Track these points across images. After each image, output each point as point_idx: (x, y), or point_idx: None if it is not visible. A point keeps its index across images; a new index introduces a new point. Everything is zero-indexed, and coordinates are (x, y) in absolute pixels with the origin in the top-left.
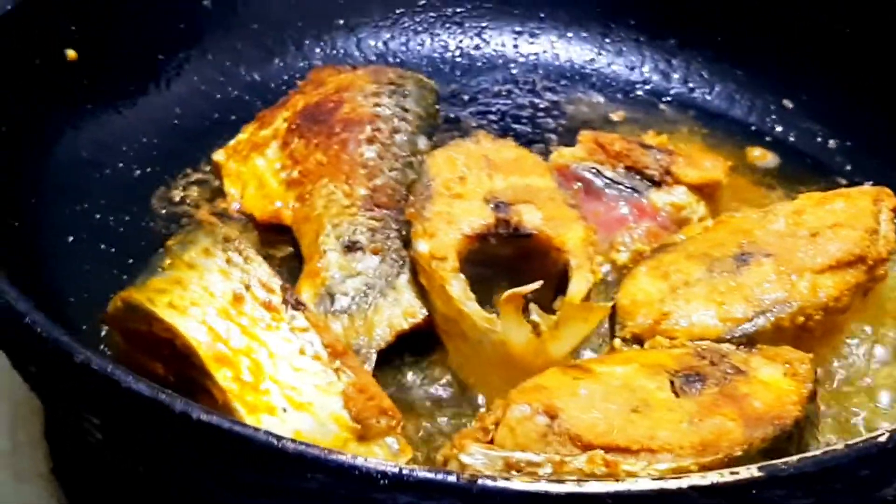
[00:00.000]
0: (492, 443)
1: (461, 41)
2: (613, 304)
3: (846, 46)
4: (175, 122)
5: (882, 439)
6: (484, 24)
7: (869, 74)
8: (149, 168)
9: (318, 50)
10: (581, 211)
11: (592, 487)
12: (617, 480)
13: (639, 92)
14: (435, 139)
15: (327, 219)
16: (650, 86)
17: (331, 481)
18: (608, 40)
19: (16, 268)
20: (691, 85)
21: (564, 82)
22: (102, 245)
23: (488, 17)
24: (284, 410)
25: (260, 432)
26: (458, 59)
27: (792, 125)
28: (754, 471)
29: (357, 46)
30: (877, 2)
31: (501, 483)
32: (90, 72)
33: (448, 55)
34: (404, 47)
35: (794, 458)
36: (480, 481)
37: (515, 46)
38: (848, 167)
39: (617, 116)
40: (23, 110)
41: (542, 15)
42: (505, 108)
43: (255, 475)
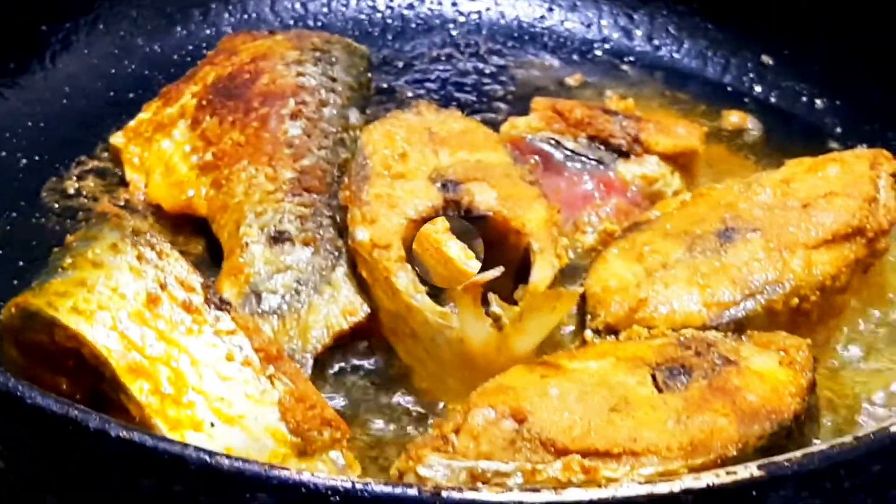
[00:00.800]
0: (453, 452)
1: (391, 0)
2: (583, 292)
3: None
4: (64, 103)
5: (894, 430)
6: None
7: (859, 22)
8: (37, 157)
9: (227, 15)
10: (541, 188)
11: (572, 495)
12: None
13: (597, 52)
14: (368, 112)
15: (249, 207)
16: (610, 44)
17: (274, 501)
18: None
19: None
20: (657, 42)
21: (512, 44)
22: None
23: None
24: (212, 425)
25: (190, 448)
26: (390, 21)
27: (773, 84)
28: (754, 469)
29: (272, 9)
30: None
31: (469, 495)
32: None
33: (377, 16)
34: (326, 9)
35: (799, 454)
36: (445, 493)
37: (454, 4)
38: (839, 129)
39: (574, 80)
40: None
41: None
42: (445, 75)
43: (188, 499)
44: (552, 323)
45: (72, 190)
